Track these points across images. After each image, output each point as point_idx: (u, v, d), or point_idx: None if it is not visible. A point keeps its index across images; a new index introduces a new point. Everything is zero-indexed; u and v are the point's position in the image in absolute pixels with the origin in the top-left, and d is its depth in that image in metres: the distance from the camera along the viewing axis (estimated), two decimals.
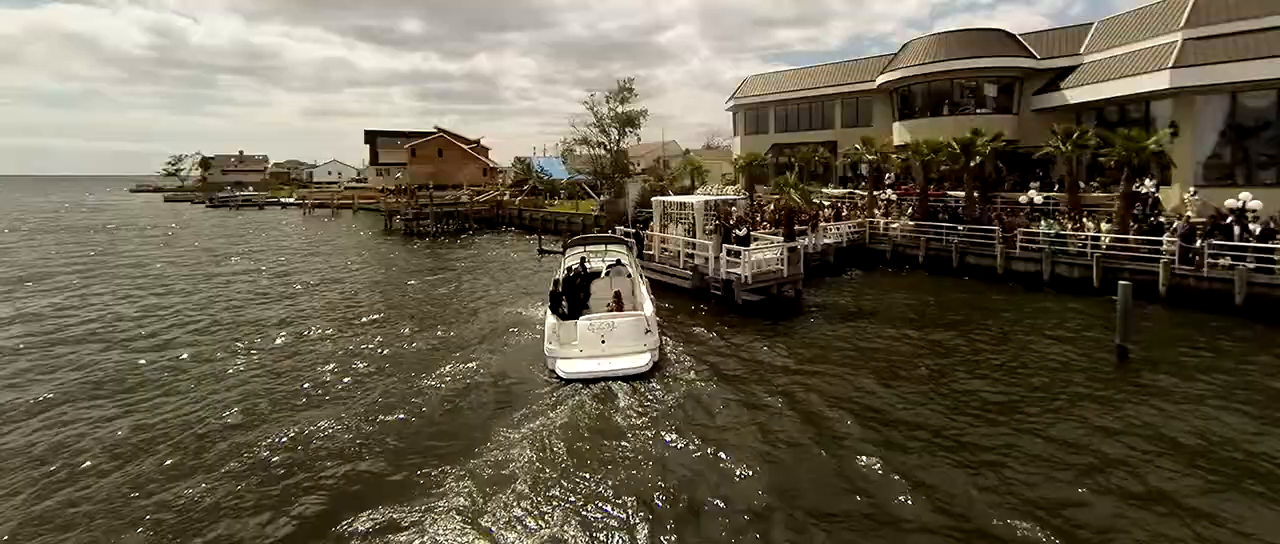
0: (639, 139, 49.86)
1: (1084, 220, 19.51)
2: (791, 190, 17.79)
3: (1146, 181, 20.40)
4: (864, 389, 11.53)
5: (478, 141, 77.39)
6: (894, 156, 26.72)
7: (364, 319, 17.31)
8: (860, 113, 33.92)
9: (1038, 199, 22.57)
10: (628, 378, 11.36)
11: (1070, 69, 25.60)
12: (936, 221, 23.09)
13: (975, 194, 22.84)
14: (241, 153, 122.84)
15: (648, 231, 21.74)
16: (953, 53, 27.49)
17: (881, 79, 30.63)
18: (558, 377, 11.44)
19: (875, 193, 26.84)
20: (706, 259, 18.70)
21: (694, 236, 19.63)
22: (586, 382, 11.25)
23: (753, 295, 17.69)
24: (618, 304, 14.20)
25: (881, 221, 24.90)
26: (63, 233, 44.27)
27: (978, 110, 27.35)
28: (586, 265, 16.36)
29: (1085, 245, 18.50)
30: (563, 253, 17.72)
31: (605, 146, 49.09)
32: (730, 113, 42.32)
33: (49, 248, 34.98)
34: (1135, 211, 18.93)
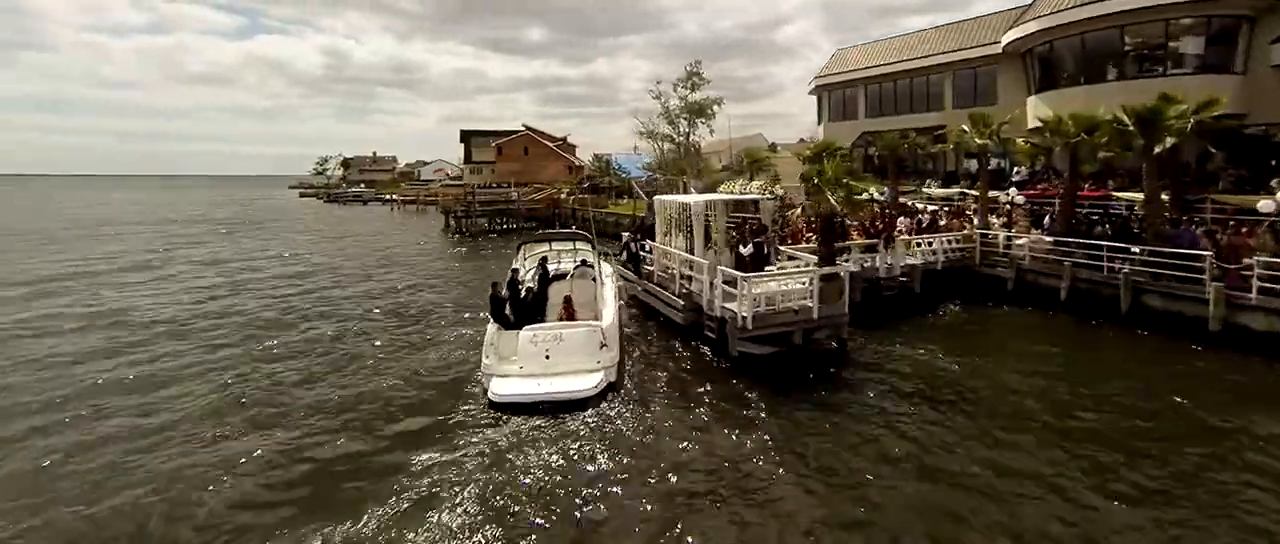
0: (711, 131, 42.90)
1: None
2: (828, 188, 10.57)
3: None
4: None
5: (564, 139, 74.51)
6: (1022, 142, 17.90)
7: (319, 314, 15.60)
8: (979, 87, 24.65)
9: None
10: (570, 404, 9.15)
11: None
12: (1091, 237, 14.39)
13: (1164, 196, 13.87)
14: (375, 154, 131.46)
15: (648, 242, 15.41)
16: None
17: (1010, 37, 21.45)
18: (488, 399, 9.32)
19: (992, 193, 18.23)
20: (704, 284, 12.12)
21: (693, 250, 13.15)
22: (520, 407, 9.14)
23: (756, 346, 10.91)
24: (568, 312, 11.34)
25: (999, 235, 16.45)
26: (188, 224, 46.39)
27: (1170, 71, 17.65)
28: (547, 266, 13.75)
29: None
30: (517, 250, 14.53)
31: (673, 140, 42.79)
32: (813, 97, 34.24)
33: (144, 238, 35.62)
34: None
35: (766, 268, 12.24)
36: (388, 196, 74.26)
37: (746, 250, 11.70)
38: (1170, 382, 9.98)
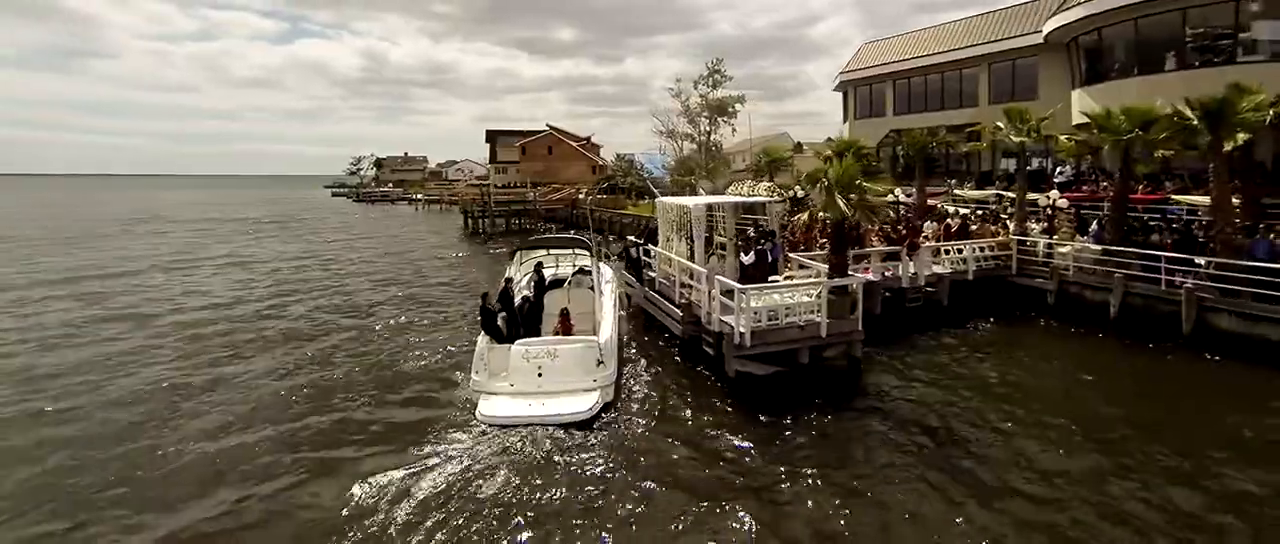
0: (733, 130, 41.45)
1: None
2: (836, 192, 9.23)
3: None
4: None
5: (588, 139, 73.88)
6: (1065, 140, 16.13)
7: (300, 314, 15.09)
8: (1018, 81, 22.70)
9: None
10: (564, 425, 8.36)
11: None
12: (1147, 246, 12.66)
13: (1235, 200, 12.09)
14: (406, 154, 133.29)
15: (651, 247, 14.31)
16: None
17: (1053, 25, 19.55)
18: (476, 419, 8.62)
19: (1032, 195, 16.51)
20: (703, 295, 10.99)
21: (693, 256, 12.04)
22: (510, 428, 8.35)
23: (756, 365, 9.72)
24: (564, 325, 10.54)
25: (1039, 241, 14.77)
26: (217, 224, 47.26)
27: (1240, 58, 15.61)
28: (543, 273, 12.73)
29: None
30: (510, 257, 13.85)
31: (694, 139, 41.51)
32: (839, 93, 32.52)
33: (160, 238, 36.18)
34: None
35: (771, 278, 10.99)
36: (415, 196, 74.86)
37: (747, 258, 10.44)
38: (1249, 416, 8.37)
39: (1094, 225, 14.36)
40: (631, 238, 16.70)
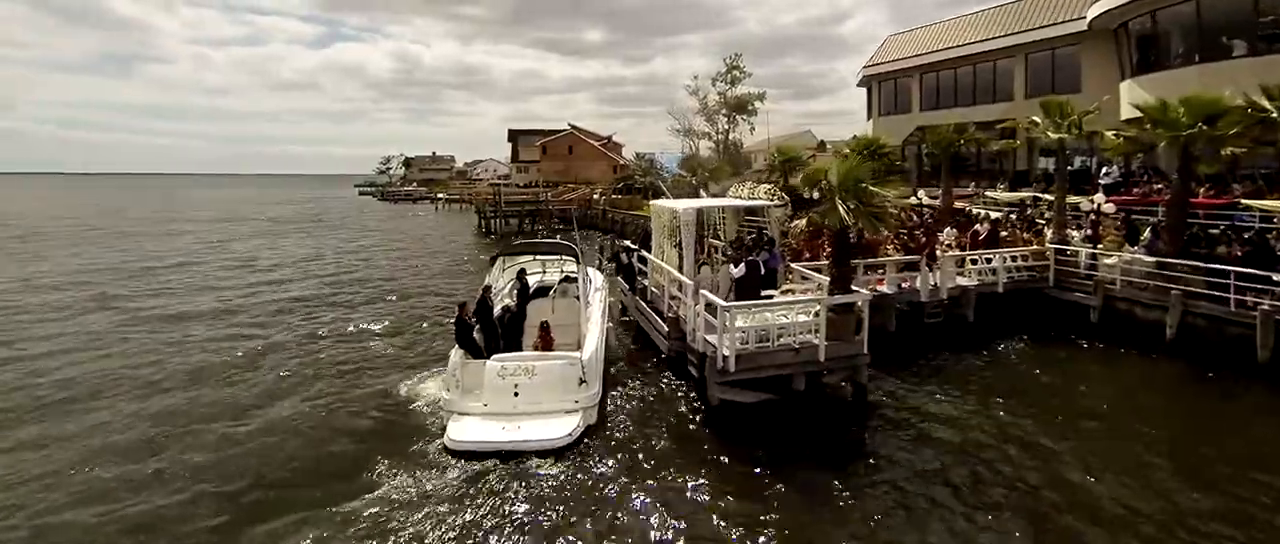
0: (753, 128, 40.01)
1: None
2: (838, 196, 7.86)
3: None
4: None
5: (609, 139, 72.99)
6: (1112, 136, 14.31)
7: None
8: (1058, 72, 20.71)
9: None
10: (541, 453, 7.45)
11: None
12: (1212, 259, 10.87)
13: None
14: (434, 153, 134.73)
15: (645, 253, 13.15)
16: None
17: (1098, 10, 17.57)
18: (445, 443, 7.71)
19: (1073, 198, 14.74)
20: (688, 310, 9.77)
21: (682, 266, 10.84)
22: (482, 455, 7.44)
23: (742, 392, 8.49)
24: (545, 340, 9.63)
25: (1081, 251, 13.05)
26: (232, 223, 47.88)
27: None
28: (527, 280, 11.66)
29: None
30: (490, 263, 12.57)
31: (712, 137, 40.23)
32: (863, 89, 30.75)
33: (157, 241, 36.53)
34: None
35: (766, 292, 9.66)
36: (437, 195, 75.16)
37: (737, 271, 9.13)
38: None
39: (1147, 233, 12.57)
40: (626, 242, 15.50)
